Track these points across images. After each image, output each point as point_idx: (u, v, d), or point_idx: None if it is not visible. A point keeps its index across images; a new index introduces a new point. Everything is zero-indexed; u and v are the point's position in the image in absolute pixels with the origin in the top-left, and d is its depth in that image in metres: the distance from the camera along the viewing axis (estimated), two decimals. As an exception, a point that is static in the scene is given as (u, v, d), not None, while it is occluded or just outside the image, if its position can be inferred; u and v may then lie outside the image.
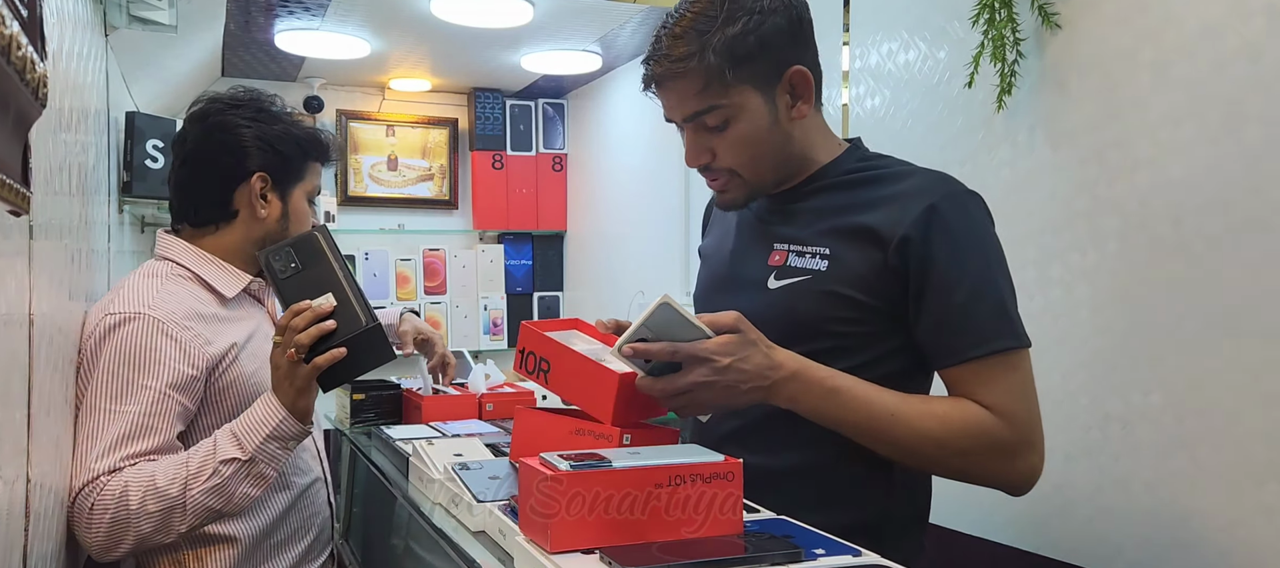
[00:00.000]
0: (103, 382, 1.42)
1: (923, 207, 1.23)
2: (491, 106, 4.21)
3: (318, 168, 1.73)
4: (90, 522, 1.36)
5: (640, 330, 1.16)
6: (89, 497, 1.37)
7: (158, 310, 1.47)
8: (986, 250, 1.26)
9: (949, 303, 1.23)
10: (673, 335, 1.17)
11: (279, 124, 1.64)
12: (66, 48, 1.39)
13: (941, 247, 1.22)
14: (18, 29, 0.73)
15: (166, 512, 1.38)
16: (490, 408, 2.04)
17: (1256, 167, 1.44)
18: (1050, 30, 1.78)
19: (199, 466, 1.41)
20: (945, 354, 1.25)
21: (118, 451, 1.40)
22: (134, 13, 2.09)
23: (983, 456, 1.22)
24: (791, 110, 1.31)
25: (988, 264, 1.25)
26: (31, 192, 0.92)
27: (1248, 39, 1.45)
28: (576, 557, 0.97)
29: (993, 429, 1.21)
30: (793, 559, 0.97)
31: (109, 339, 1.43)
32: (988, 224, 1.29)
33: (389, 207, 4.18)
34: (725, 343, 1.16)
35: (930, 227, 1.22)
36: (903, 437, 1.21)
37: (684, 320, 1.15)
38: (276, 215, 1.65)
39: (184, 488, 1.40)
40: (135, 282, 1.52)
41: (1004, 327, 1.23)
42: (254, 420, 1.46)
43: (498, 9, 2.88)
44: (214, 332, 1.53)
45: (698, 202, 3.16)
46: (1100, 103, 1.70)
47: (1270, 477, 1.43)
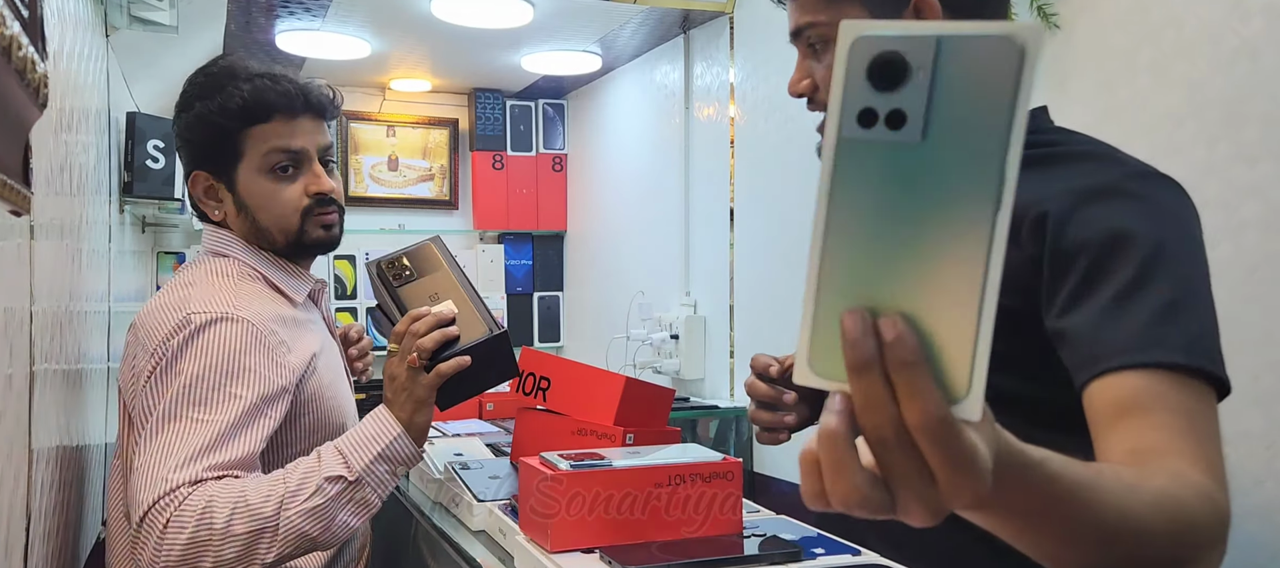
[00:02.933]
0: (185, 388, 1.22)
1: (1079, 184, 0.94)
2: (492, 107, 4.21)
3: (269, 128, 1.38)
4: (163, 541, 1.13)
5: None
6: (164, 511, 1.14)
7: (246, 312, 1.29)
8: (1167, 242, 0.90)
9: (1093, 301, 0.89)
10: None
11: (191, 109, 1.39)
12: (67, 48, 1.39)
13: (1092, 229, 0.91)
14: (19, 29, 0.73)
15: (255, 535, 1.15)
16: (490, 408, 2.05)
17: (1255, 166, 1.44)
18: (1049, 30, 1.78)
19: (299, 482, 1.20)
20: (1086, 363, 0.87)
21: (200, 460, 1.18)
22: (135, 13, 2.09)
23: (1212, 547, 0.78)
24: None
25: (1167, 259, 0.89)
26: (32, 192, 0.92)
27: (1247, 39, 1.45)
28: (576, 556, 0.97)
29: (1215, 500, 0.78)
30: (793, 559, 0.97)
31: (195, 341, 1.24)
32: (1184, 215, 0.95)
33: (389, 207, 4.18)
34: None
35: (1084, 205, 0.92)
36: (1125, 554, 0.70)
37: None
38: (233, 211, 1.41)
39: (279, 507, 1.17)
40: (207, 279, 1.36)
41: (1173, 335, 0.84)
42: (363, 436, 1.26)
43: (498, 9, 2.88)
44: (294, 339, 1.35)
45: (698, 202, 3.16)
46: (1100, 103, 1.70)
47: (1269, 477, 1.43)
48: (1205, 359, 0.84)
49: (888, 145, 0.45)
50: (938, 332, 0.46)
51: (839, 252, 0.47)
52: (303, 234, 1.42)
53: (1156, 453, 0.80)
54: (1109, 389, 0.84)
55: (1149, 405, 0.82)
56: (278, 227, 1.41)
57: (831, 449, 0.50)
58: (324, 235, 1.45)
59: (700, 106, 3.15)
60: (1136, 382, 0.83)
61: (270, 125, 1.38)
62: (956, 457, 0.48)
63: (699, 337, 3.08)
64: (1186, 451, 0.80)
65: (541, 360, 1.33)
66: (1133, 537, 0.69)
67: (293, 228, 1.41)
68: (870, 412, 0.47)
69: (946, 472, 0.48)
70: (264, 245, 1.42)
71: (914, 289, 0.46)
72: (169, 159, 2.53)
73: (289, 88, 1.38)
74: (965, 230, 0.44)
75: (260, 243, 1.42)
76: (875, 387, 0.47)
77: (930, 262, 0.45)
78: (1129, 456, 0.81)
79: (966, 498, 0.49)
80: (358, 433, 1.27)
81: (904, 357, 0.46)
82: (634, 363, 3.22)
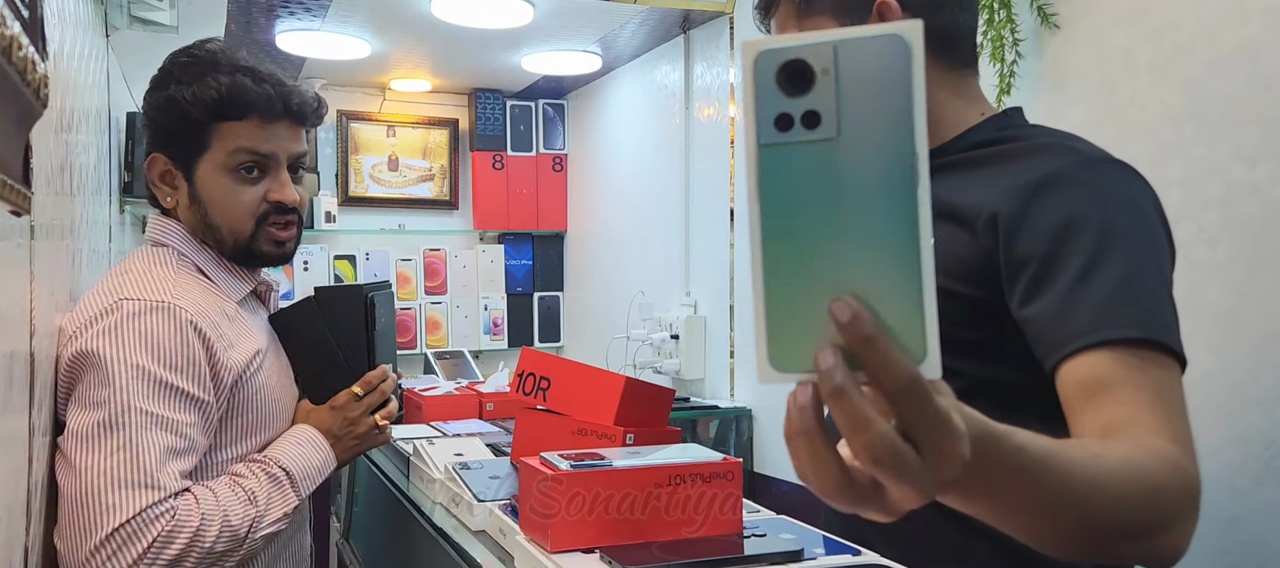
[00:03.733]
0: (130, 379, 1.15)
1: (1030, 177, 0.97)
2: (492, 107, 4.21)
3: (242, 127, 1.32)
4: (147, 554, 1.09)
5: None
6: (153, 524, 1.10)
7: (185, 302, 1.24)
8: (1117, 222, 0.92)
9: (1053, 287, 0.91)
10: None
11: (164, 90, 1.33)
12: (67, 48, 1.39)
13: (1044, 219, 0.94)
14: (19, 29, 0.73)
15: (225, 552, 1.17)
16: (490, 408, 2.05)
17: (1255, 167, 1.44)
18: (1049, 30, 1.78)
19: (265, 504, 1.23)
20: (1051, 349, 0.90)
21: (175, 463, 1.15)
22: (135, 13, 2.09)
23: (1183, 516, 0.81)
24: None
25: (1117, 238, 0.91)
26: (32, 192, 0.92)
27: (1246, 39, 1.45)
28: (577, 557, 0.97)
29: (1182, 467, 0.81)
30: (793, 559, 0.97)
31: (129, 327, 1.18)
32: (1133, 194, 0.97)
33: (389, 207, 4.18)
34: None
35: (1034, 198, 0.95)
36: (1098, 522, 0.72)
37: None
38: (186, 201, 1.35)
39: (251, 528, 1.20)
40: (144, 267, 1.29)
41: (1129, 312, 0.87)
42: (310, 467, 1.31)
43: (498, 10, 2.88)
44: (235, 334, 1.30)
45: (698, 202, 3.16)
46: (1099, 103, 1.70)
47: (1269, 477, 1.43)
48: (1161, 332, 0.87)
49: (808, 144, 0.49)
50: (886, 306, 0.49)
51: (779, 251, 0.50)
52: (253, 242, 1.36)
53: (1125, 427, 0.82)
54: (1076, 371, 0.87)
55: (1114, 382, 0.84)
56: (228, 228, 1.35)
57: (808, 449, 0.51)
58: (274, 251, 1.38)
59: (700, 106, 3.15)
60: (1100, 361, 0.85)
61: (243, 124, 1.32)
62: (935, 416, 0.49)
63: (699, 337, 3.08)
64: (1152, 422, 0.82)
65: (541, 361, 1.33)
66: (1103, 504, 0.71)
67: (244, 233, 1.35)
68: (842, 406, 0.49)
69: (929, 432, 0.50)
70: (209, 242, 1.36)
71: (857, 272, 0.49)
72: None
73: (270, 89, 1.32)
74: (892, 208, 0.48)
75: (206, 239, 1.36)
76: (845, 381, 0.48)
77: (866, 243, 0.49)
78: (1100, 432, 0.83)
79: (951, 463, 0.50)
80: (305, 461, 1.31)
81: (864, 332, 0.48)
82: (634, 363, 3.22)
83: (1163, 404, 0.84)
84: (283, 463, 1.29)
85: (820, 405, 0.50)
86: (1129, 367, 0.85)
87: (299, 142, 1.39)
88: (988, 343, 0.97)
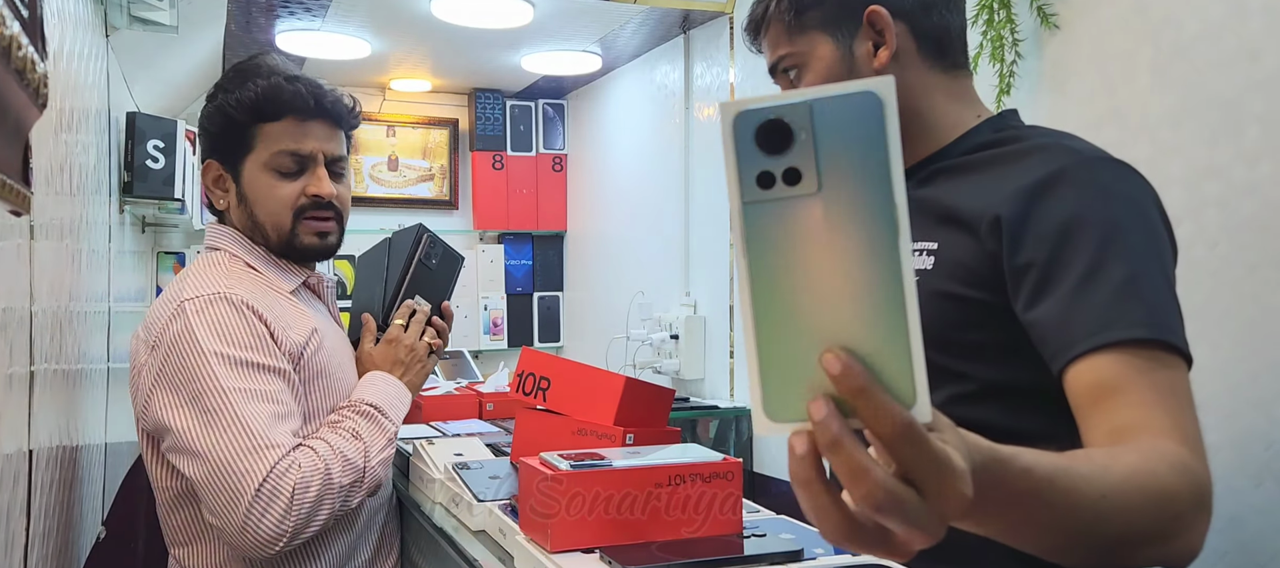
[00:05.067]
0: (215, 366, 1.25)
1: (1029, 180, 0.97)
2: (492, 107, 4.21)
3: (281, 128, 1.42)
4: (293, 504, 1.21)
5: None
6: (286, 477, 1.21)
7: (240, 290, 1.34)
8: (1119, 222, 0.93)
9: (1058, 289, 0.91)
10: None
11: (214, 100, 1.44)
12: (67, 48, 1.39)
13: (1046, 222, 0.94)
14: (18, 29, 0.73)
15: (351, 486, 1.29)
16: (490, 408, 2.05)
17: (1255, 167, 1.44)
18: (1049, 31, 1.78)
19: (369, 436, 1.34)
20: (1058, 353, 0.90)
21: (283, 425, 1.26)
22: (135, 13, 2.09)
23: (1195, 518, 0.80)
24: (873, 59, 1.09)
25: (1120, 238, 0.91)
26: (32, 192, 0.92)
27: (1246, 39, 1.45)
28: (577, 557, 0.97)
29: (1191, 469, 0.80)
30: (793, 559, 0.97)
31: (198, 322, 1.28)
32: (1133, 193, 0.97)
33: (389, 207, 4.18)
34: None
35: (1035, 200, 0.95)
36: (1108, 533, 0.72)
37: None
38: (235, 202, 1.46)
39: (365, 459, 1.31)
40: (199, 269, 1.40)
41: (1134, 312, 0.87)
42: (391, 397, 1.42)
43: (498, 9, 2.88)
44: (291, 317, 1.40)
45: (698, 202, 3.16)
46: (1099, 103, 1.70)
47: (1269, 477, 1.43)
48: (1167, 331, 0.87)
49: (791, 200, 0.50)
50: (875, 355, 0.50)
51: (769, 305, 0.51)
52: (294, 236, 1.45)
53: (1134, 430, 0.82)
54: (1083, 374, 0.87)
55: (1122, 384, 0.84)
56: (271, 223, 1.44)
57: (809, 498, 0.52)
58: (315, 243, 1.47)
59: (700, 106, 3.15)
60: (1107, 362, 0.86)
61: (281, 125, 1.41)
62: (933, 458, 0.50)
63: (699, 337, 3.08)
64: (1161, 424, 0.82)
65: (541, 361, 1.33)
66: (1112, 515, 0.71)
67: (285, 226, 1.44)
68: (840, 457, 0.49)
69: (928, 475, 0.50)
70: (258, 241, 1.46)
71: (845, 322, 0.50)
72: (169, 159, 2.53)
73: (303, 89, 1.41)
74: (876, 259, 0.49)
75: (254, 238, 1.46)
76: (840, 431, 0.49)
77: (853, 294, 0.50)
78: (1110, 435, 0.83)
79: (953, 501, 0.51)
80: (384, 394, 1.42)
81: (856, 383, 0.49)
82: (634, 363, 3.22)
83: (1170, 404, 0.84)
84: (367, 399, 1.40)
85: (817, 454, 0.51)
86: (1136, 368, 0.85)
87: (335, 143, 1.48)
88: (995, 345, 0.97)
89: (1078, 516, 0.68)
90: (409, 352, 1.52)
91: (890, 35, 1.08)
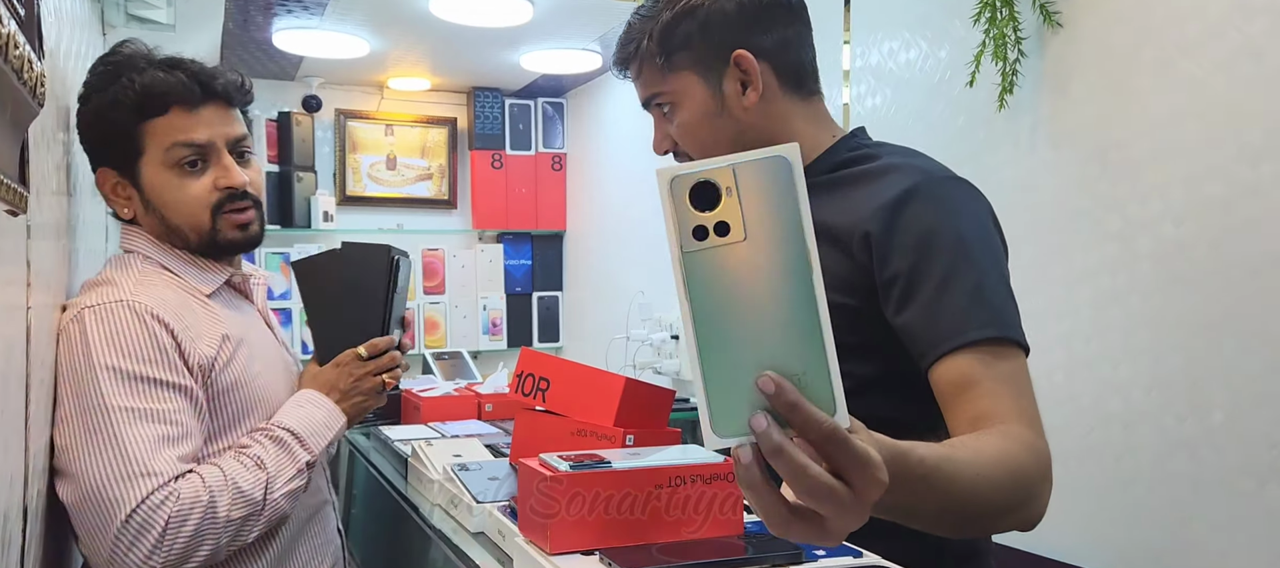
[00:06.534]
0: (104, 382, 1.18)
1: (888, 197, 1.10)
2: (491, 106, 4.20)
3: (168, 122, 1.31)
4: (164, 538, 1.13)
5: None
6: (160, 509, 1.13)
7: (145, 298, 1.25)
8: (965, 235, 1.09)
9: (919, 297, 1.07)
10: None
11: (88, 103, 1.32)
12: (64, 46, 1.38)
13: (907, 236, 1.08)
14: (15, 28, 0.73)
15: (244, 520, 1.21)
16: (489, 409, 2.04)
17: (1258, 166, 1.44)
18: (1052, 29, 1.78)
19: (275, 466, 1.26)
20: (924, 353, 1.06)
21: (169, 449, 1.17)
22: (132, 11, 2.08)
23: (1042, 488, 0.97)
24: (742, 98, 1.20)
25: (966, 250, 1.07)
26: (29, 191, 0.92)
27: (1249, 38, 1.45)
28: (576, 558, 0.97)
29: (1035, 446, 0.98)
30: (793, 560, 0.96)
31: (95, 333, 1.20)
32: (973, 208, 1.14)
33: (388, 206, 4.18)
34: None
35: (895, 216, 1.09)
36: (983, 506, 0.90)
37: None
38: (141, 208, 1.35)
39: (265, 491, 1.23)
40: (106, 276, 1.31)
41: (983, 315, 1.04)
42: (316, 423, 1.33)
43: (497, 8, 2.88)
44: (202, 326, 1.30)
45: (697, 201, 3.15)
46: (1102, 102, 1.70)
47: (1270, 477, 1.42)
48: (1009, 329, 1.05)
49: (722, 248, 0.59)
50: (800, 373, 0.59)
51: (710, 338, 0.60)
52: (216, 233, 1.35)
53: (989, 416, 0.99)
54: (946, 372, 1.03)
55: (977, 377, 1.01)
56: (189, 225, 1.34)
57: (756, 497, 0.62)
58: (238, 236, 1.37)
59: (700, 106, 3.14)
60: (964, 361, 1.02)
61: (168, 118, 1.30)
62: (856, 455, 0.60)
63: (698, 336, 3.07)
64: (1008, 409, 1.00)
65: (541, 361, 1.33)
66: (984, 493, 0.88)
67: (204, 226, 1.34)
68: (782, 461, 0.59)
69: (853, 469, 0.61)
70: (177, 244, 1.36)
71: (774, 348, 0.59)
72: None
73: (185, 76, 1.30)
74: (796, 293, 0.59)
75: (172, 241, 1.36)
76: (780, 440, 0.59)
77: (779, 324, 0.59)
78: (970, 422, 1.01)
79: (874, 489, 0.62)
80: (308, 419, 1.33)
81: (787, 399, 0.59)
82: (634, 363, 3.21)
83: (1014, 390, 1.02)
84: (285, 425, 1.31)
85: (761, 461, 0.61)
86: (985, 363, 1.02)
87: (233, 124, 1.36)
88: (870, 344, 1.10)
89: (958, 495, 0.84)
90: (355, 381, 1.39)
91: (756, 76, 1.20)
